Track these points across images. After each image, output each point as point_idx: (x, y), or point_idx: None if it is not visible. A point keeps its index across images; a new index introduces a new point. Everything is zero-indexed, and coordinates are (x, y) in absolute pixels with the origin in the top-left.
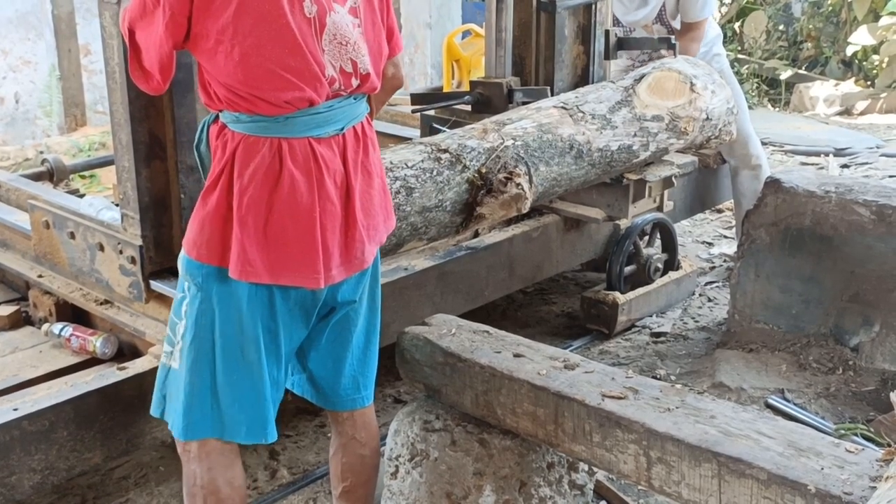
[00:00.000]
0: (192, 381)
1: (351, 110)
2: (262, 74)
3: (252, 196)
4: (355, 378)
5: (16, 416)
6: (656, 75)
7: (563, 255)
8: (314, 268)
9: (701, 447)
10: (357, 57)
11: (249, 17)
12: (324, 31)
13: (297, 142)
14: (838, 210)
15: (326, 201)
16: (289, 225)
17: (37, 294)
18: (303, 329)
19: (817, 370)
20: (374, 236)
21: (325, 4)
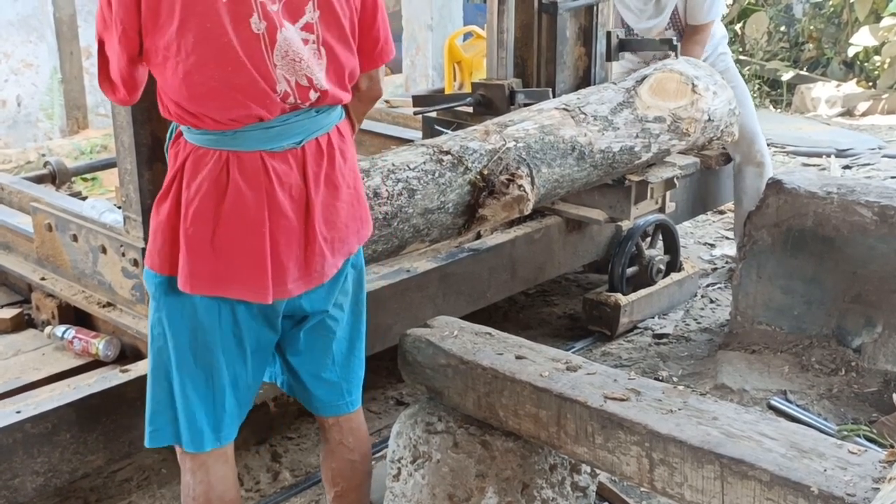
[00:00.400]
0: (153, 389)
1: (311, 123)
2: (206, 92)
3: (198, 208)
4: (338, 384)
5: (19, 419)
6: (658, 76)
7: (565, 257)
8: (261, 282)
9: (703, 449)
10: (311, 73)
11: (192, 34)
12: (275, 47)
13: (246, 155)
14: (840, 211)
15: (279, 216)
16: (235, 238)
17: (39, 297)
18: (270, 333)
19: (820, 371)
20: (340, 249)
21: (276, 21)
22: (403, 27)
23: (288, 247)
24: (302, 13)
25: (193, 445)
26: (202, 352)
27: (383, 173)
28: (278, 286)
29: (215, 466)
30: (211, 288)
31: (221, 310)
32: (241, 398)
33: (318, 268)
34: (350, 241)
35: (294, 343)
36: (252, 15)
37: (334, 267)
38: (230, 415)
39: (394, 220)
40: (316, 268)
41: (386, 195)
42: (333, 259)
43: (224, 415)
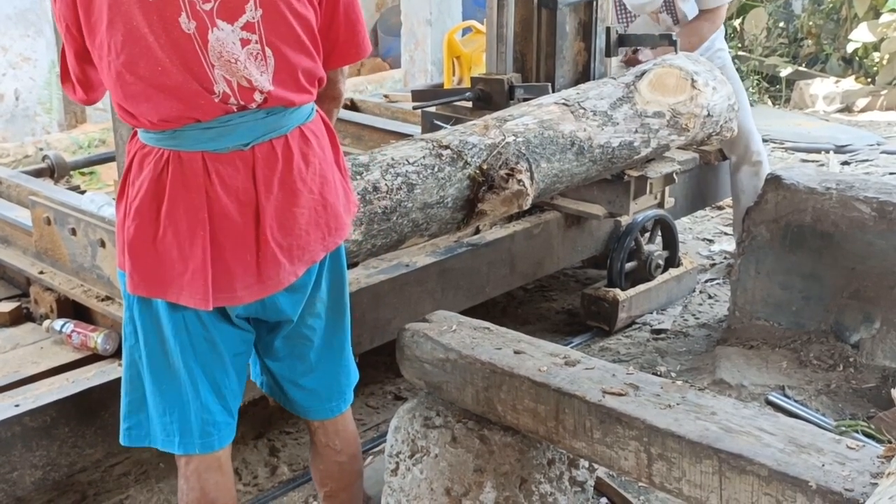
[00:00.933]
0: (127, 387)
1: (260, 125)
2: (139, 92)
3: (138, 208)
4: (317, 391)
5: (17, 412)
6: (657, 72)
7: (564, 252)
8: (200, 287)
9: (702, 444)
10: (249, 75)
11: (119, 33)
12: (208, 47)
13: (187, 155)
14: (839, 207)
15: (222, 219)
16: (174, 240)
17: (38, 290)
18: (243, 333)
19: (818, 367)
20: (300, 256)
21: (206, 20)
22: (402, 22)
23: (235, 251)
24: (242, 12)
25: (167, 446)
26: (171, 355)
27: (382, 168)
28: (224, 291)
29: (207, 473)
30: (150, 290)
31: (185, 314)
32: (227, 405)
33: (273, 275)
34: (313, 248)
35: (270, 349)
36: (180, 14)
37: (293, 275)
38: (213, 423)
39: (393, 215)
40: (270, 274)
41: (385, 189)
42: (292, 266)
43: (204, 422)
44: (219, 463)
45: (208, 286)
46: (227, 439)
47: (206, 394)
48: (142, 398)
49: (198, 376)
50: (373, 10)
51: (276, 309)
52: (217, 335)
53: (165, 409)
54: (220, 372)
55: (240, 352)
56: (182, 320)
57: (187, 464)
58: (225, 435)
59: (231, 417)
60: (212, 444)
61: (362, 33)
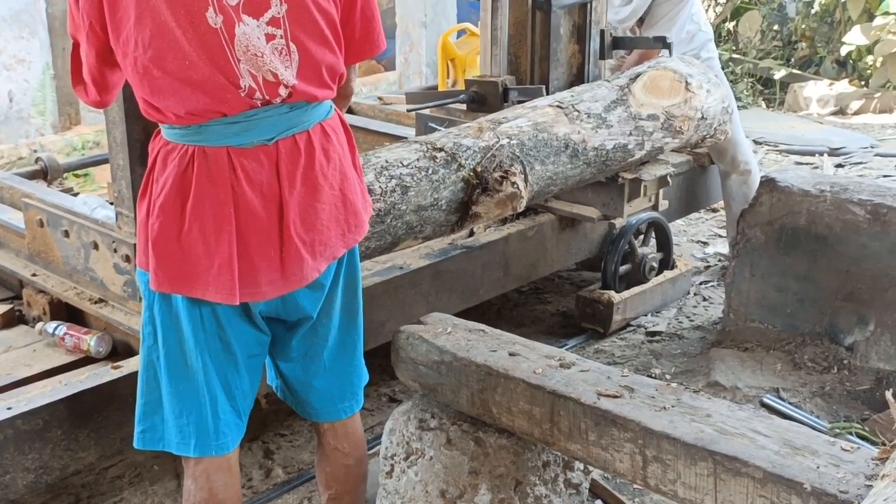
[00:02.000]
0: (144, 388)
1: (284, 120)
2: (165, 87)
3: (163, 204)
4: (330, 391)
5: (9, 415)
6: (651, 74)
7: (559, 255)
8: (227, 282)
9: (697, 446)
10: (275, 69)
11: (147, 28)
12: (234, 42)
13: (212, 150)
14: (833, 209)
15: (248, 214)
16: (200, 236)
17: (30, 293)
18: (260, 335)
19: (812, 369)
20: (322, 251)
21: (233, 15)
22: (397, 24)
23: (260, 246)
24: (267, 7)
25: (183, 449)
26: (189, 355)
27: (377, 170)
28: (249, 287)
29: (217, 474)
30: (176, 286)
31: (202, 311)
32: (237, 406)
33: (297, 270)
34: (333, 244)
35: (285, 349)
36: (208, 9)
37: (316, 270)
38: (226, 423)
39: (387, 217)
40: (294, 270)
41: (379, 192)
42: (314, 262)
43: (219, 423)
44: (228, 464)
45: (235, 281)
46: (236, 441)
47: (219, 394)
48: (158, 400)
49: (212, 376)
50: None
51: (296, 306)
52: (233, 335)
53: (182, 411)
54: (233, 372)
55: (254, 353)
56: (199, 318)
57: (197, 464)
58: (234, 437)
59: (240, 419)
60: (227, 444)
61: (378, 29)
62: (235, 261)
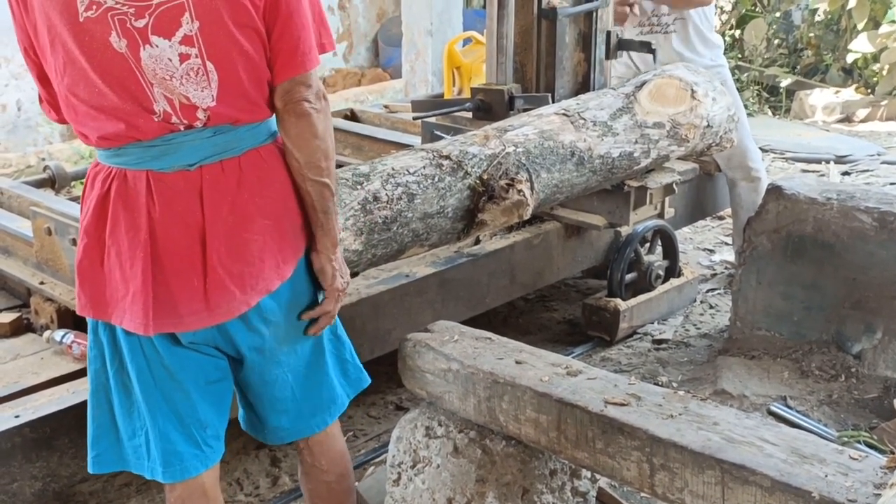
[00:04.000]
0: (93, 412)
1: (209, 145)
2: (83, 113)
3: (86, 228)
4: (298, 410)
5: (17, 423)
6: (657, 82)
7: (564, 263)
8: (138, 311)
9: (704, 454)
10: (186, 92)
11: (60, 57)
12: (142, 65)
13: (132, 174)
14: (840, 217)
15: (165, 241)
16: (116, 262)
17: (38, 301)
18: (212, 359)
19: (819, 377)
20: (253, 285)
21: (138, 38)
22: (403, 32)
23: (179, 276)
24: (178, 25)
25: (139, 469)
26: (130, 381)
27: (383, 177)
28: (168, 317)
29: (191, 500)
30: (96, 312)
31: (140, 337)
32: (192, 434)
33: (222, 302)
34: (267, 277)
35: (241, 377)
36: (111, 33)
37: (245, 304)
38: (174, 452)
39: (393, 225)
40: (218, 302)
41: (385, 199)
42: (244, 295)
43: (165, 452)
44: (202, 489)
45: (148, 310)
46: (194, 470)
47: (165, 422)
48: (110, 423)
49: (156, 403)
50: (374, 21)
51: (231, 340)
52: (173, 363)
53: (134, 432)
54: (182, 401)
55: (212, 379)
56: (139, 345)
57: (171, 490)
58: (189, 466)
59: (198, 448)
60: (173, 473)
61: (306, 42)
62: (150, 289)
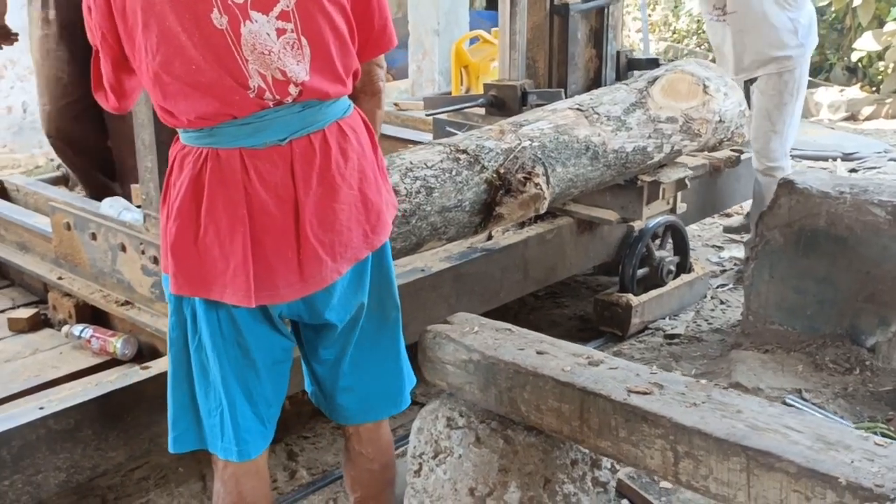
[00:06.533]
0: (173, 393)
1: (297, 119)
2: (176, 92)
3: (179, 208)
4: (365, 393)
5: (42, 415)
6: (670, 77)
7: (577, 258)
8: (242, 284)
9: (729, 441)
10: (283, 66)
11: (154, 34)
12: (241, 41)
13: (225, 152)
14: (853, 210)
15: (262, 215)
16: (215, 238)
17: (56, 296)
18: (282, 339)
19: (834, 370)
20: (342, 253)
21: (238, 14)
22: (410, 32)
23: (276, 248)
24: (276, 1)
25: (214, 448)
26: (209, 359)
27: (401, 171)
28: (266, 289)
29: (245, 478)
30: (195, 289)
31: (220, 315)
32: (259, 413)
33: (315, 272)
34: (356, 245)
35: (316, 352)
36: (212, 10)
37: (336, 272)
38: (246, 429)
39: (412, 218)
40: (312, 272)
41: (405, 193)
42: (335, 264)
43: (239, 428)
44: (256, 468)
45: (250, 283)
46: (260, 448)
47: (239, 400)
48: (189, 403)
49: (231, 382)
50: None
51: (318, 310)
52: (251, 340)
53: (210, 411)
54: (253, 378)
55: (278, 360)
56: (217, 323)
57: (225, 468)
58: (258, 444)
59: (263, 426)
60: (247, 451)
61: (391, 22)
62: (250, 262)
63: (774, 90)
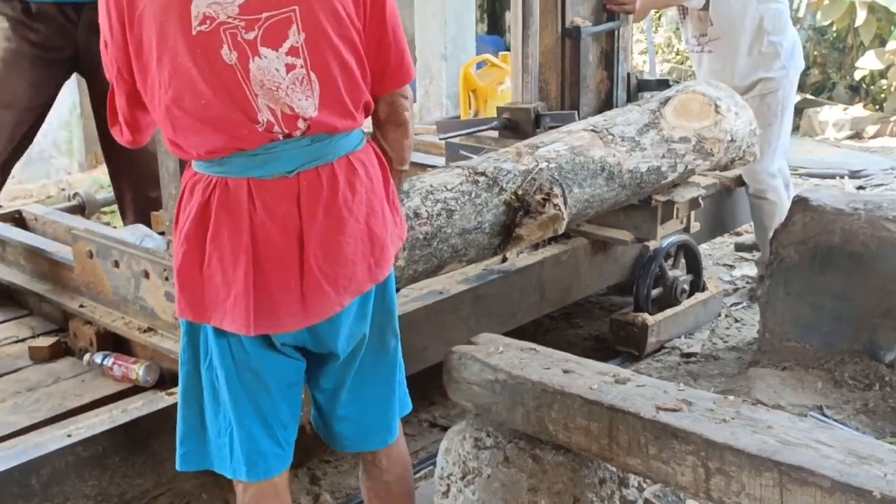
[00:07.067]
0: (184, 413)
1: (304, 152)
2: (186, 126)
3: (187, 234)
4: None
5: (70, 442)
6: (682, 98)
7: (591, 278)
8: (241, 313)
9: (761, 456)
10: (293, 101)
11: (166, 69)
12: (250, 77)
13: (233, 182)
14: (868, 227)
15: (266, 245)
16: (218, 266)
17: (77, 324)
18: (294, 362)
19: (854, 387)
20: (346, 286)
21: (248, 50)
22: (417, 57)
23: (279, 278)
24: (285, 37)
25: (222, 469)
26: (218, 381)
27: (422, 194)
28: (267, 319)
29: (265, 499)
30: (196, 314)
31: (230, 341)
32: (275, 435)
33: (318, 303)
34: (359, 278)
35: (317, 380)
36: (222, 46)
37: (338, 304)
38: (259, 453)
39: (433, 240)
40: (315, 303)
41: (426, 215)
42: (337, 296)
43: (249, 450)
44: (275, 489)
45: (250, 312)
46: (276, 469)
47: (251, 423)
48: (199, 423)
49: (243, 405)
50: None
51: (322, 339)
52: (261, 365)
53: (220, 432)
54: (266, 402)
55: (291, 382)
56: (227, 347)
57: (245, 490)
58: (272, 465)
59: (280, 448)
60: (257, 473)
61: (407, 55)
62: (251, 292)
63: (757, 112)
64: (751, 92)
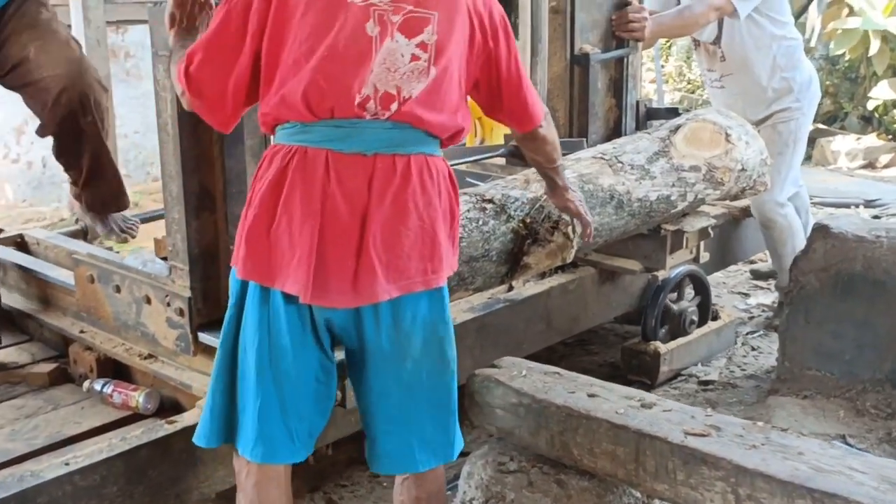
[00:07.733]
0: (215, 387)
1: (386, 136)
2: (300, 76)
3: (261, 198)
4: (405, 437)
5: (67, 471)
6: (692, 126)
7: (599, 308)
8: (303, 275)
9: (794, 483)
10: (402, 84)
11: (308, 24)
12: (378, 53)
13: (313, 151)
14: (890, 254)
15: (332, 216)
16: (286, 229)
17: (77, 350)
18: (322, 356)
19: (876, 416)
20: (396, 277)
21: (388, 30)
22: None
23: (337, 251)
24: (420, 31)
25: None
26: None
27: None
28: (320, 289)
29: (266, 485)
30: (260, 276)
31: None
32: (289, 424)
33: (368, 285)
34: (412, 275)
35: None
36: (368, 20)
37: (386, 293)
38: (268, 436)
39: None
40: (365, 284)
41: None
42: (387, 284)
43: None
44: (279, 479)
45: (310, 275)
46: (281, 457)
47: (268, 405)
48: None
49: (266, 385)
50: None
51: (361, 330)
52: (293, 347)
53: (245, 407)
54: (290, 388)
55: (319, 379)
56: (266, 321)
57: (247, 475)
58: (277, 452)
59: (291, 440)
60: (261, 454)
61: (537, 102)
62: (314, 255)
63: (769, 141)
64: (764, 123)
